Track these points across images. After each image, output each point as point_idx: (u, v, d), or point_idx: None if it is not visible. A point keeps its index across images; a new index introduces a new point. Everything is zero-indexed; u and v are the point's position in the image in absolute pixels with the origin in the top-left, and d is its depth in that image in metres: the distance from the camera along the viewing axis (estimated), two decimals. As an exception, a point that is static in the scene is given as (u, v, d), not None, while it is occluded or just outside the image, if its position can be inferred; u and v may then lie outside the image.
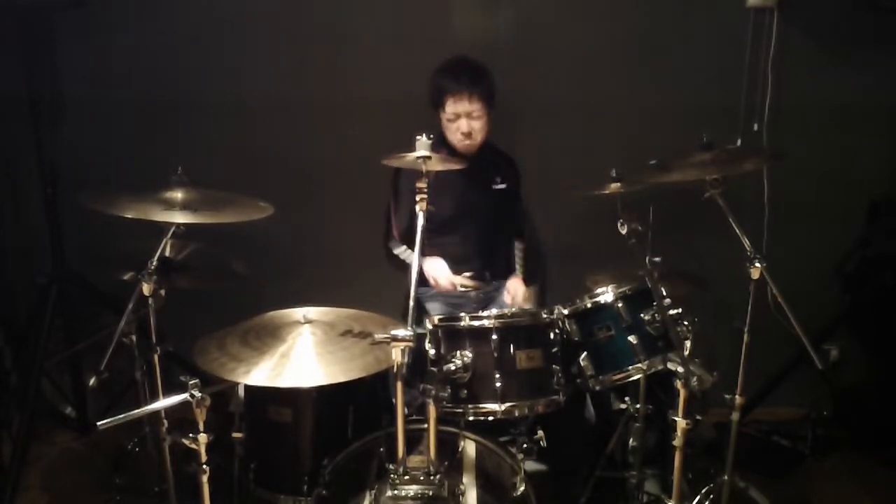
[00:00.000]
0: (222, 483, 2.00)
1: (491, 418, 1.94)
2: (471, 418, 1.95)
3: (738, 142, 2.87)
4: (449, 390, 1.91)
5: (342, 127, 2.92)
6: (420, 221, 1.89)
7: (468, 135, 2.49)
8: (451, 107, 2.46)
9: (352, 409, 2.13)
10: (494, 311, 2.03)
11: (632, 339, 2.03)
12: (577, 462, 2.46)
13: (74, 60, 2.86)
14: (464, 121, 2.47)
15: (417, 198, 1.90)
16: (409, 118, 2.53)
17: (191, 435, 1.74)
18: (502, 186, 2.65)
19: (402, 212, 2.63)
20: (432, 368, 1.85)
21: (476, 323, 1.97)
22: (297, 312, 2.05)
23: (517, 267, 2.73)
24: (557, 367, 2.00)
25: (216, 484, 1.82)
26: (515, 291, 2.59)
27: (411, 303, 1.80)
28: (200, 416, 1.71)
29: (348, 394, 2.05)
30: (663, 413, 2.20)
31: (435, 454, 1.77)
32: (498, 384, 1.92)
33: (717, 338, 2.68)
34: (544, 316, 2.04)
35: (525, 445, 1.94)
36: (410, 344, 1.63)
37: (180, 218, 2.01)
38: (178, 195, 2.11)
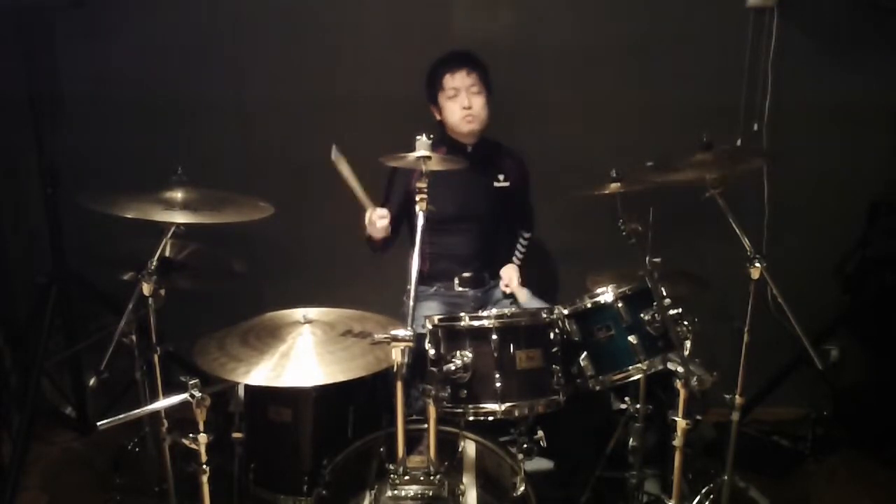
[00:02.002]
0: (222, 483, 2.00)
1: (491, 418, 1.94)
2: (471, 418, 1.95)
3: (738, 142, 2.87)
4: (449, 390, 1.91)
5: (342, 127, 2.92)
6: (420, 221, 1.89)
7: (469, 109, 2.49)
8: (450, 81, 2.49)
9: (352, 409, 2.13)
10: (494, 311, 2.03)
11: (632, 339, 2.03)
12: (576, 462, 2.46)
13: (74, 60, 2.86)
14: (464, 95, 2.49)
15: (417, 198, 1.90)
16: (409, 118, 2.54)
17: (191, 435, 1.74)
18: (505, 184, 2.65)
19: (390, 208, 2.64)
20: (432, 368, 1.85)
21: (476, 323, 1.97)
22: (297, 312, 2.05)
23: (516, 256, 2.76)
24: (557, 367, 2.00)
25: (216, 484, 1.82)
26: (510, 278, 2.59)
27: (411, 303, 1.80)
28: (200, 416, 1.71)
29: (348, 394, 2.06)
30: (663, 413, 2.20)
31: (435, 454, 1.77)
32: (498, 384, 1.92)
33: (717, 338, 2.68)
34: (544, 316, 2.04)
35: (525, 445, 1.95)
36: (410, 344, 1.63)
37: (180, 218, 2.01)
38: (178, 195, 2.11)
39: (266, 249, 2.82)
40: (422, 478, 1.75)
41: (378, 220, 2.39)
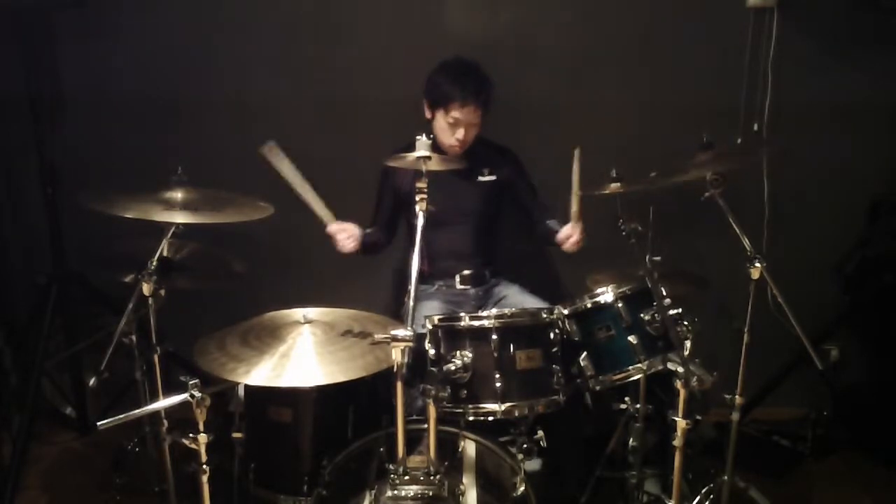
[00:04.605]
0: (222, 483, 2.00)
1: (491, 418, 1.94)
2: (471, 418, 1.96)
3: (738, 142, 2.87)
4: (449, 390, 1.91)
5: (343, 127, 2.92)
6: (420, 221, 1.89)
7: (463, 142, 2.49)
8: (456, 114, 2.45)
9: (352, 409, 2.13)
10: (494, 311, 2.04)
11: (632, 339, 2.03)
12: (577, 462, 2.46)
13: (74, 60, 2.86)
14: (462, 129, 2.47)
15: (417, 198, 1.90)
16: (409, 118, 2.55)
17: (191, 435, 1.74)
18: (490, 178, 2.64)
19: (382, 209, 2.67)
20: (432, 368, 1.85)
21: (476, 323, 1.98)
22: (297, 312, 2.05)
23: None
24: (557, 367, 2.00)
25: (216, 484, 1.81)
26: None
27: (411, 303, 1.80)
28: (200, 416, 1.71)
29: (348, 394, 2.05)
30: (663, 413, 2.20)
31: (435, 454, 1.77)
32: (498, 384, 1.93)
33: (717, 338, 2.68)
34: (544, 316, 2.04)
35: (525, 445, 1.95)
36: (410, 344, 1.63)
37: (180, 218, 2.01)
38: (178, 195, 2.12)
39: (266, 249, 2.82)
40: (422, 478, 1.75)
41: (343, 238, 2.40)
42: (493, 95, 2.51)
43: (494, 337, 1.94)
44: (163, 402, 1.77)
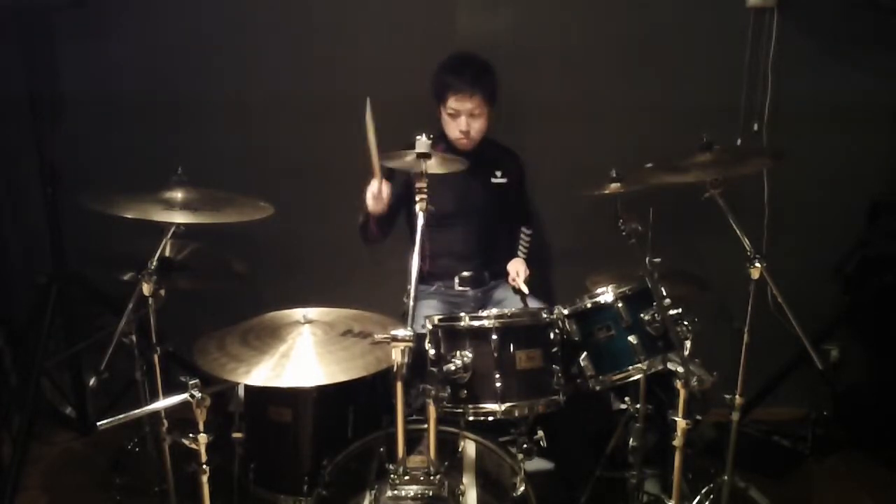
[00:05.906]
0: (222, 483, 2.00)
1: (491, 418, 1.94)
2: (471, 418, 1.95)
3: (738, 142, 2.87)
4: (449, 390, 1.91)
5: (342, 127, 2.92)
6: (420, 221, 1.89)
7: (466, 133, 2.50)
8: (453, 103, 2.47)
9: (352, 409, 2.13)
10: (494, 311, 2.03)
11: (632, 339, 2.03)
12: (577, 462, 2.46)
13: (74, 60, 2.86)
14: (463, 118, 2.48)
15: (417, 198, 1.90)
16: (410, 118, 2.54)
17: (191, 435, 1.74)
18: (502, 180, 2.67)
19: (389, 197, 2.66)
20: (432, 368, 1.85)
21: (476, 323, 1.97)
22: (297, 312, 2.05)
23: (521, 251, 2.76)
24: (557, 367, 2.00)
25: (216, 484, 1.82)
26: (518, 271, 2.59)
27: (411, 303, 1.80)
28: (200, 416, 1.71)
29: (348, 394, 2.05)
30: (663, 413, 2.20)
31: (435, 454, 1.77)
32: (498, 384, 1.92)
33: (717, 338, 2.68)
34: (544, 316, 2.04)
35: (525, 445, 1.94)
36: (410, 344, 1.63)
37: (180, 218, 2.01)
38: (178, 195, 2.11)
39: (266, 249, 2.82)
40: (422, 478, 1.74)
41: (381, 192, 2.38)
42: (496, 83, 2.52)
43: (494, 337, 1.94)
44: (163, 402, 1.77)
